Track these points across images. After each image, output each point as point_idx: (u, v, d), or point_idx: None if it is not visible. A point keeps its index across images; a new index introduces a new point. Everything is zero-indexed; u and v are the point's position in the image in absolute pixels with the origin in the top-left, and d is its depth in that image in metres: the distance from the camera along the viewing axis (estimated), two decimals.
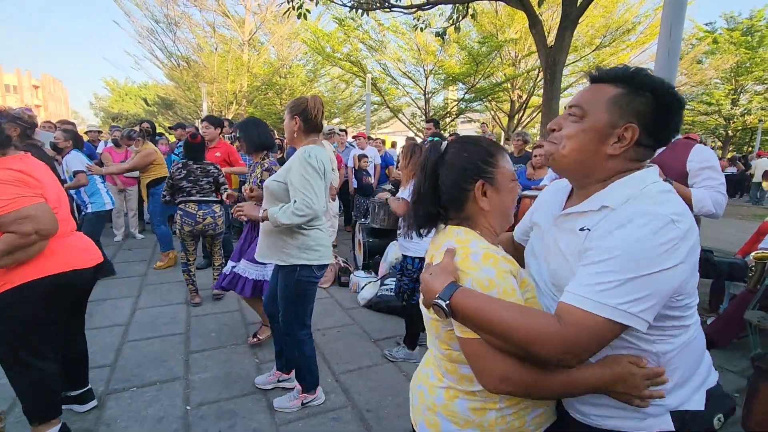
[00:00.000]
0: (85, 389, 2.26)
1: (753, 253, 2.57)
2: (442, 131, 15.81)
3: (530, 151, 4.76)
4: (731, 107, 20.94)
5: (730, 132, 21.85)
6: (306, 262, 2.10)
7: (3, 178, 1.66)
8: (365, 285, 3.99)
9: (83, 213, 4.17)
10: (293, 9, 6.64)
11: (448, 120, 17.44)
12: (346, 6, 7.56)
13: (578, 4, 6.28)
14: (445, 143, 1.00)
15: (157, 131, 6.81)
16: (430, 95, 15.82)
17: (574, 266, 0.87)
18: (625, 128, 0.86)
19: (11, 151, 1.80)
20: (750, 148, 21.32)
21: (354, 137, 7.69)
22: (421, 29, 8.28)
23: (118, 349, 2.92)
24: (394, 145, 11.61)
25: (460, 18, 8.00)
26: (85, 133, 7.00)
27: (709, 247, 6.13)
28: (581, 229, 0.89)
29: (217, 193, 3.73)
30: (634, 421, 0.87)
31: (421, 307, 0.99)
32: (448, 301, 0.84)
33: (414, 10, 7.70)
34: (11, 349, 1.80)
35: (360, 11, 7.54)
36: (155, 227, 4.81)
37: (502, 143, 15.18)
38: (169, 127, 8.72)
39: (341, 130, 7.34)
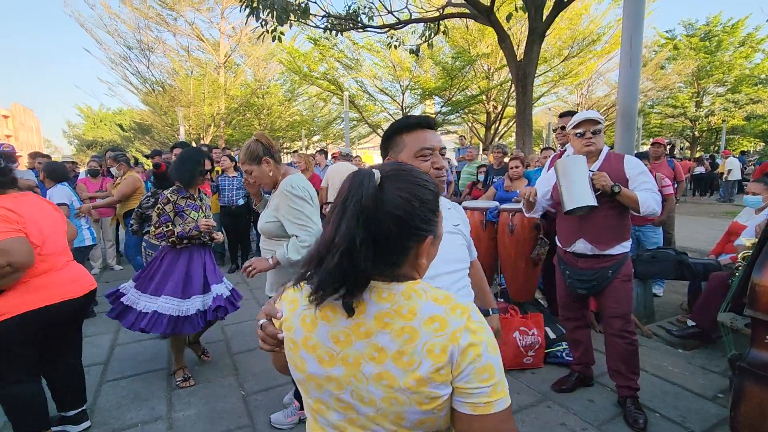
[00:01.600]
0: (79, 410, 2.30)
1: (741, 254, 2.64)
2: None
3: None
4: (696, 109, 21.88)
5: (696, 133, 22.79)
6: None
7: None
8: None
9: None
10: (267, 32, 6.70)
11: None
12: (320, 27, 7.67)
13: (544, 19, 6.53)
14: (378, 174, 0.72)
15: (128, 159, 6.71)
16: (407, 110, 16.07)
17: (465, 246, 1.43)
18: None
19: (10, 191, 1.96)
20: (716, 147, 22.24)
21: (333, 156, 7.71)
22: (395, 47, 8.44)
23: (97, 390, 2.80)
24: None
25: (433, 35, 8.20)
26: None
27: (683, 246, 6.33)
28: (455, 226, 1.38)
29: None
30: None
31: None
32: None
33: (387, 29, 7.87)
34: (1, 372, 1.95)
35: (334, 32, 7.66)
36: (131, 258, 4.69)
37: (480, 153, 15.47)
38: (146, 155, 8.61)
39: (321, 151, 7.36)
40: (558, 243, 2.58)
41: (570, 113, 3.31)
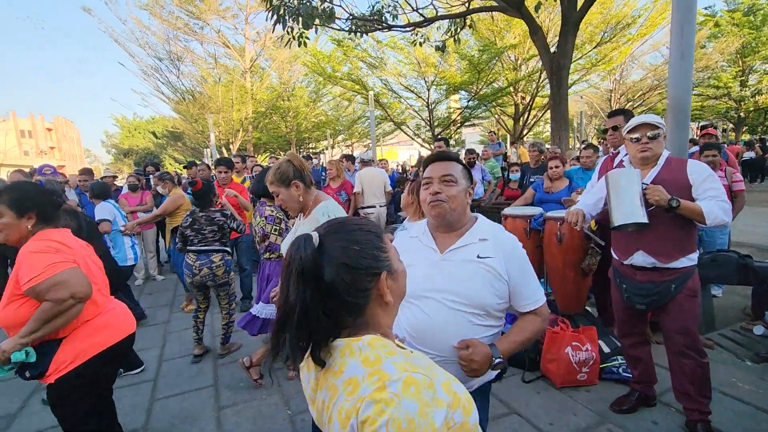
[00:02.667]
0: None
1: None
2: (448, 138, 15.73)
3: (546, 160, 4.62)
4: (740, 89, 20.52)
5: (742, 114, 21.39)
6: None
7: (38, 248, 1.74)
8: None
9: None
10: (293, 38, 6.70)
11: (453, 128, 17.40)
12: (344, 30, 7.62)
13: (578, 8, 6.22)
14: (316, 235, 0.79)
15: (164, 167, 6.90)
16: (433, 106, 15.83)
17: (490, 284, 1.32)
18: (469, 188, 1.43)
19: (54, 225, 1.91)
20: (764, 128, 20.82)
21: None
22: (420, 44, 8.28)
23: (149, 408, 2.87)
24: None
25: (459, 30, 7.99)
26: (101, 178, 7.11)
27: (739, 241, 5.92)
28: (480, 257, 1.34)
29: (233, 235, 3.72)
30: None
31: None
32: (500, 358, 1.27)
33: (412, 28, 7.72)
34: (85, 416, 1.87)
35: (358, 33, 7.58)
36: (182, 274, 4.78)
37: (508, 147, 15.07)
38: (183, 166, 8.87)
39: (348, 157, 7.29)
40: (614, 254, 2.42)
41: (620, 111, 3.08)
